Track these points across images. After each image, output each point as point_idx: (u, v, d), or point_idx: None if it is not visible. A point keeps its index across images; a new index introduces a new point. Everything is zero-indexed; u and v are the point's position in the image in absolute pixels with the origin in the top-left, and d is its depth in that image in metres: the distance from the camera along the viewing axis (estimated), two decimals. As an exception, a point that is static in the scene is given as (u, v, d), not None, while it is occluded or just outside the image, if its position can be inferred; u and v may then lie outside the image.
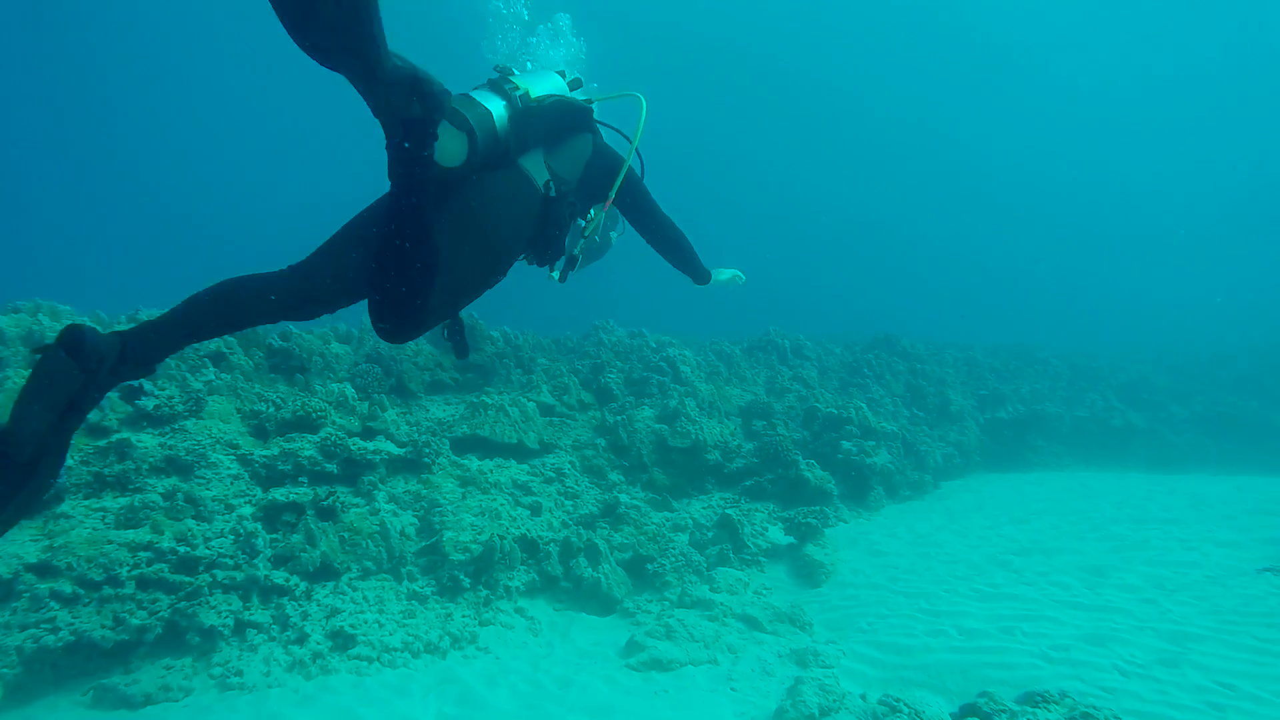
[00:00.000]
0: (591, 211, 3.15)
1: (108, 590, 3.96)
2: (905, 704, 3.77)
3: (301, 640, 4.41)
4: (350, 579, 4.94)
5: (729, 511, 6.43)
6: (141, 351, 2.04)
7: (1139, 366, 15.71)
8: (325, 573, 4.88)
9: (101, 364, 1.91)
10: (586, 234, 3.13)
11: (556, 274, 3.16)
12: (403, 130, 2.06)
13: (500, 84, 2.71)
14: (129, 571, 4.07)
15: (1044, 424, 11.58)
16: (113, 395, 4.99)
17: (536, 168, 2.76)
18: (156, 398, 5.21)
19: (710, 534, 6.29)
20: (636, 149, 3.06)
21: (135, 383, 5.13)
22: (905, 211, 57.69)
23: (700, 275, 3.53)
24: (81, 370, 1.86)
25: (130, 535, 4.24)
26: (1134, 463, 11.30)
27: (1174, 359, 16.82)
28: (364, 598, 4.84)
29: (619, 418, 7.47)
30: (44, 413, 1.80)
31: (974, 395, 12.12)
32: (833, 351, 12.50)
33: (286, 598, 4.63)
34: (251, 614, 4.44)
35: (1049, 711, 3.52)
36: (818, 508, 6.78)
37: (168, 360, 5.83)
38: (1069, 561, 6.11)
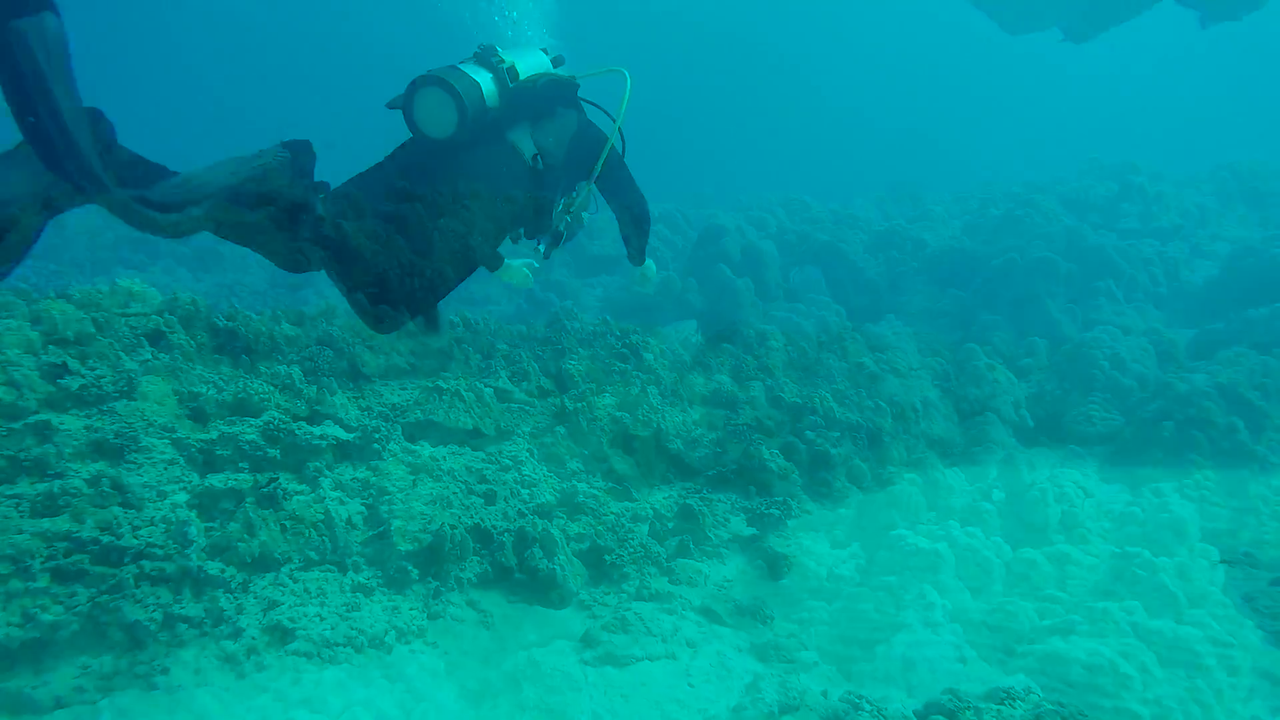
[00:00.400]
0: (577, 187, 3.12)
1: (16, 584, 3.65)
2: (868, 701, 3.65)
3: (235, 635, 4.15)
4: (291, 570, 4.68)
5: (690, 501, 6.28)
6: (141, 171, 1.81)
7: (1100, 365, 15.87)
8: (264, 563, 4.61)
9: (107, 147, 1.65)
10: (573, 209, 3.10)
11: (542, 248, 3.16)
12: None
13: (486, 57, 2.69)
14: (42, 563, 3.77)
15: (1011, 417, 11.61)
16: (33, 374, 4.65)
17: (524, 141, 2.77)
18: (83, 377, 4.88)
19: (671, 524, 6.14)
20: (619, 127, 3.03)
21: (60, 360, 4.79)
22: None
23: (640, 256, 3.57)
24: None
25: (45, 524, 3.94)
26: (1100, 457, 11.39)
27: (1141, 364, 17.03)
28: (305, 590, 4.59)
29: (579, 405, 7.26)
30: (31, 178, 1.51)
31: (940, 387, 12.11)
32: (797, 341, 12.40)
33: (221, 590, 4.35)
34: (182, 608, 4.15)
35: (1014, 708, 3.42)
36: (781, 498, 6.65)
37: (100, 338, 5.50)
38: (1035, 555, 6.05)
